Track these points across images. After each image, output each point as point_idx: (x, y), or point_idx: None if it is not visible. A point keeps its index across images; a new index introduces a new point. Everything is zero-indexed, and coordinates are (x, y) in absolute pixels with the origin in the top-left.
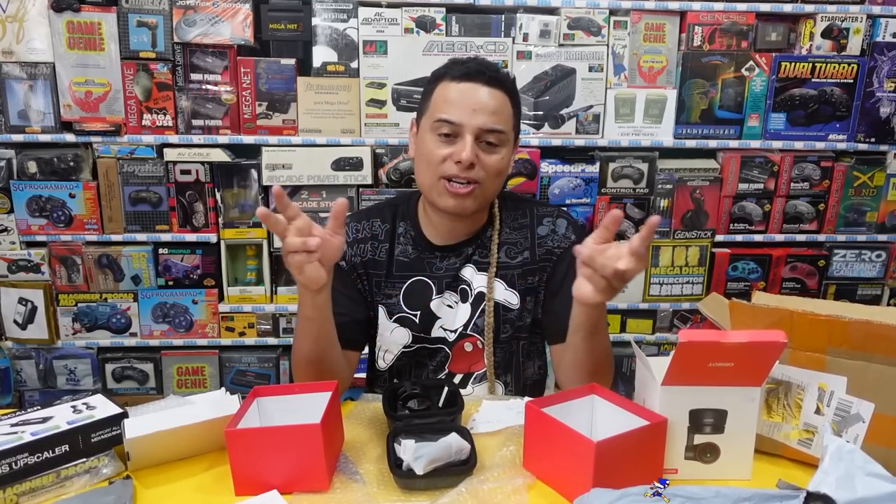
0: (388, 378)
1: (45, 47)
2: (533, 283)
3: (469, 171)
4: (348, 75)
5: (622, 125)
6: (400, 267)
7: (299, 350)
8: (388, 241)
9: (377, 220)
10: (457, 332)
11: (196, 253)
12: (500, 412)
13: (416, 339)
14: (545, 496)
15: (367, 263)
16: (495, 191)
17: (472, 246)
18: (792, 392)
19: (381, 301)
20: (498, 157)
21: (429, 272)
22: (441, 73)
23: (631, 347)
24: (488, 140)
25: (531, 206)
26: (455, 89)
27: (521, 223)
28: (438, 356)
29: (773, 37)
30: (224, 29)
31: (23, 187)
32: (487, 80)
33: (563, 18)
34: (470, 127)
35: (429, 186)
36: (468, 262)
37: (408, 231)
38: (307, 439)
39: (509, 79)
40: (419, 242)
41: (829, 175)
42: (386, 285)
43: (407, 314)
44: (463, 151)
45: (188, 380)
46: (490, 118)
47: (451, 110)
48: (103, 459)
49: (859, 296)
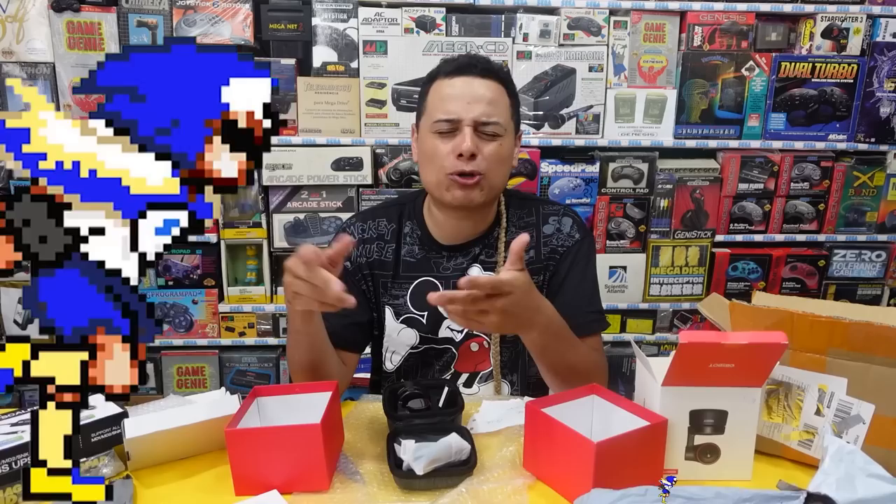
0: (396, 379)
1: (45, 47)
2: (538, 282)
3: (472, 163)
4: (348, 75)
5: (622, 125)
6: (406, 267)
7: (293, 358)
8: (394, 241)
9: (383, 219)
10: (463, 332)
11: (196, 253)
12: (501, 412)
13: (424, 340)
14: (545, 496)
15: (374, 264)
16: (501, 181)
17: (479, 245)
18: (792, 393)
19: (387, 302)
20: (498, 146)
21: (436, 272)
22: (434, 73)
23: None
24: (487, 130)
25: (537, 205)
26: (449, 85)
27: (527, 222)
28: (445, 356)
29: (773, 37)
30: (224, 29)
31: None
32: (480, 72)
33: (563, 18)
34: (467, 119)
35: (435, 184)
36: (475, 262)
37: (414, 231)
38: (307, 439)
39: (503, 69)
40: (426, 242)
41: (829, 175)
42: (393, 286)
43: (414, 315)
44: (463, 143)
45: (188, 380)
46: (486, 108)
47: (448, 106)
48: (103, 459)
49: (859, 296)
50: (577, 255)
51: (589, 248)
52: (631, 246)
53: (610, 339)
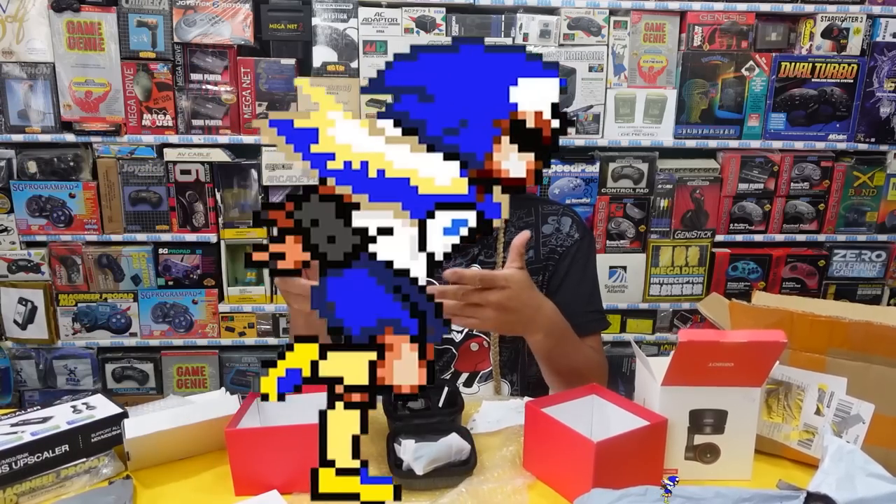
0: None
1: (45, 47)
2: (537, 282)
3: None
4: (348, 75)
5: (622, 125)
6: None
7: None
8: None
9: None
10: (463, 332)
11: (196, 253)
12: (501, 412)
13: None
14: (545, 496)
15: None
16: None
17: (478, 246)
18: (792, 393)
19: None
20: None
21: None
22: None
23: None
24: None
25: (536, 205)
26: None
27: (526, 222)
28: (445, 356)
29: (773, 37)
30: (224, 29)
31: (23, 187)
32: None
33: (563, 18)
34: None
35: None
36: (474, 263)
37: None
38: (307, 439)
39: None
40: None
41: (829, 175)
42: None
43: None
44: None
45: (188, 380)
46: None
47: None
48: (103, 459)
49: (859, 296)
50: (576, 254)
51: (588, 248)
52: (631, 246)
53: (610, 339)
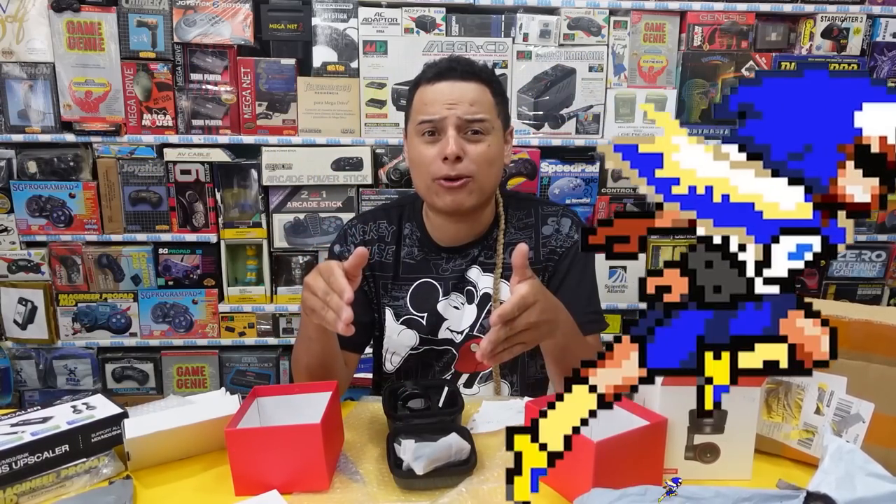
0: (396, 380)
1: (45, 47)
2: None
3: (458, 166)
4: (348, 75)
5: (622, 125)
6: (406, 269)
7: (300, 361)
8: (394, 242)
9: (383, 221)
10: (463, 333)
11: (196, 253)
12: (500, 412)
13: (424, 342)
14: (545, 496)
15: (374, 266)
16: (492, 182)
17: (478, 247)
18: (792, 392)
19: (388, 303)
20: (485, 146)
21: (435, 273)
22: (417, 78)
23: None
24: (472, 129)
25: (536, 206)
26: (430, 90)
27: (525, 223)
28: (445, 357)
29: (773, 37)
30: (224, 29)
31: (23, 187)
32: (461, 75)
33: (563, 18)
34: (450, 119)
35: (425, 190)
36: (474, 264)
37: (413, 232)
38: (307, 439)
39: (486, 69)
40: (425, 244)
41: None
42: (393, 287)
43: (414, 316)
44: (447, 147)
45: (188, 380)
46: (469, 108)
47: (430, 109)
48: (103, 459)
49: (859, 296)
50: (575, 255)
51: None
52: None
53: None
